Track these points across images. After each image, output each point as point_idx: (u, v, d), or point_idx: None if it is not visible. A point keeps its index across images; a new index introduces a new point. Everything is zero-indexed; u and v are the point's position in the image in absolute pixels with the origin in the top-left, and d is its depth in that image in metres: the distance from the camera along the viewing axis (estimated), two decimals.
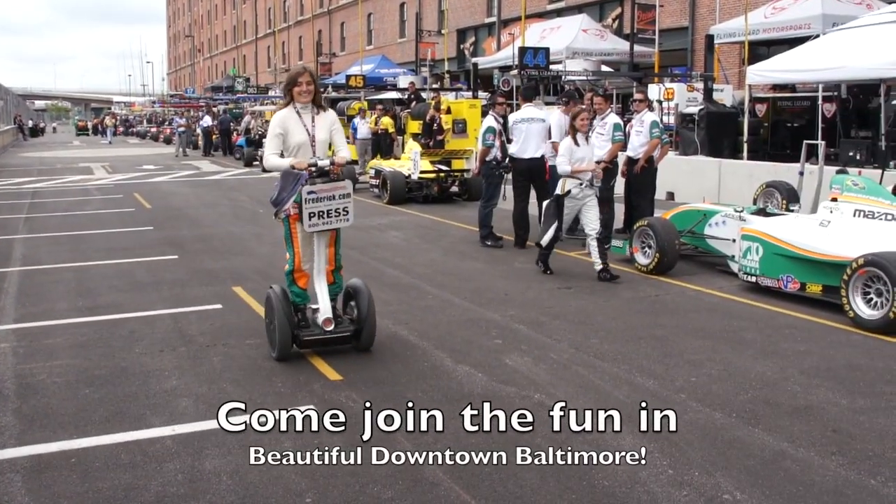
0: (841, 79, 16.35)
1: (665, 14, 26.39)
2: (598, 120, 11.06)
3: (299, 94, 6.10)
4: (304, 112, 6.15)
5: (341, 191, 5.92)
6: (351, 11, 52.28)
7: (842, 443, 4.70)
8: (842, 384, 5.72)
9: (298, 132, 6.09)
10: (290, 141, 6.08)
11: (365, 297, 6.29)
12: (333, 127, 6.26)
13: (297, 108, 6.15)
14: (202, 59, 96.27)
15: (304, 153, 6.07)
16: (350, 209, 5.98)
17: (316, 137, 6.12)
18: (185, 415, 5.14)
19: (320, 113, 6.23)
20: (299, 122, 6.11)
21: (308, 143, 6.09)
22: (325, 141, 6.19)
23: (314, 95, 6.17)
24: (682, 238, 9.55)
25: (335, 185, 5.91)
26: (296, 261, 6.24)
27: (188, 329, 7.18)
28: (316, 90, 6.19)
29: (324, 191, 5.85)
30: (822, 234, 8.08)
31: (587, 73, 22.21)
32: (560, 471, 4.30)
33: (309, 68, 6.48)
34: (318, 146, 6.13)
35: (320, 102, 6.26)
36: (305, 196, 5.79)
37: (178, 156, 34.98)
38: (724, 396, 5.43)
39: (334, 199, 5.89)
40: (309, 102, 6.14)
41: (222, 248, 11.51)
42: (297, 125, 6.10)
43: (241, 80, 53.53)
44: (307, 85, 6.10)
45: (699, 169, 15.45)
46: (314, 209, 5.83)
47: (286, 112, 6.16)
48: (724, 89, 20.89)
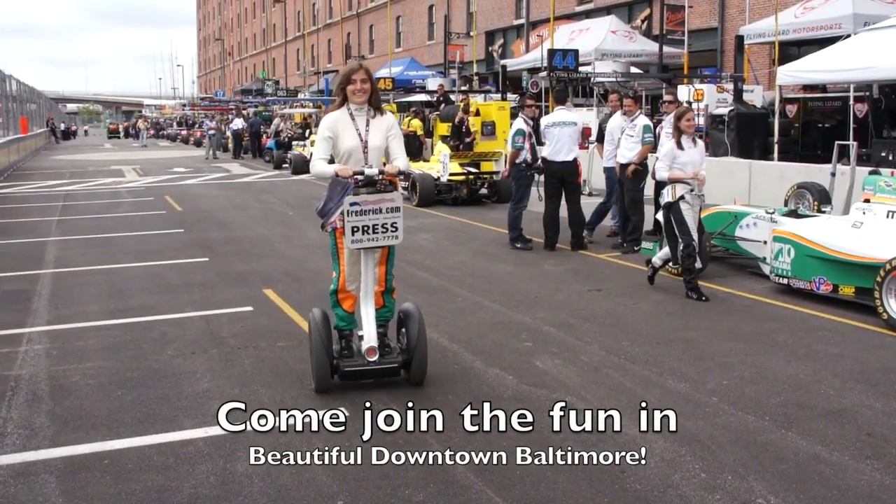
0: (872, 79, 16.18)
1: (694, 15, 26.22)
2: (627, 121, 11.03)
3: (353, 93, 5.50)
4: (359, 114, 5.54)
5: (388, 203, 5.25)
6: (380, 14, 52.48)
7: (876, 447, 4.65)
8: (876, 387, 5.65)
9: (349, 137, 5.50)
10: (340, 146, 5.50)
11: (415, 323, 5.58)
12: (391, 132, 5.60)
13: (350, 110, 5.55)
14: (232, 62, 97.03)
15: (354, 161, 5.48)
16: (399, 225, 5.29)
17: (369, 144, 5.51)
18: (217, 417, 5.16)
19: (377, 116, 5.59)
20: (351, 125, 5.52)
21: (360, 150, 5.49)
22: (380, 148, 5.55)
23: (370, 95, 5.54)
24: (713, 240, 9.49)
25: (382, 198, 5.24)
26: (341, 280, 5.65)
27: (219, 331, 7.23)
28: (373, 90, 5.55)
29: (369, 203, 5.20)
30: (854, 235, 8.00)
31: (616, 75, 22.12)
32: (592, 473, 4.28)
33: (365, 65, 5.69)
34: (371, 153, 5.50)
35: (378, 104, 5.63)
36: (348, 208, 5.16)
37: (208, 158, 35.25)
38: (756, 399, 5.39)
39: (381, 212, 5.23)
40: (364, 104, 5.53)
41: (252, 250, 11.59)
42: (348, 129, 5.51)
43: (270, 83, 53.85)
44: (362, 83, 5.47)
45: (729, 170, 15.34)
46: (358, 223, 5.21)
47: (338, 114, 5.57)
48: (753, 90, 20.73)
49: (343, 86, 5.55)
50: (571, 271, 9.83)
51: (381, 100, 5.71)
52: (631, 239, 10.90)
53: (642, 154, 10.76)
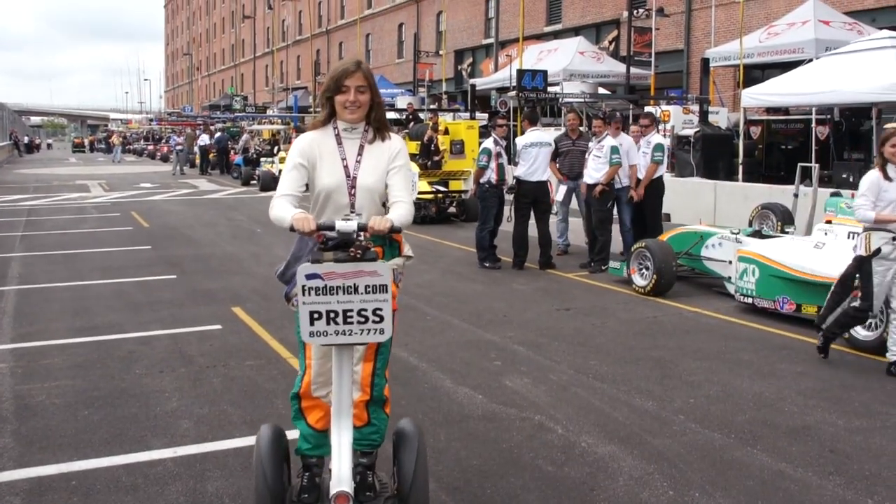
0: (833, 102, 16.50)
1: (661, 37, 26.58)
2: (594, 142, 11.18)
3: (344, 106, 3.68)
4: (350, 136, 3.74)
5: (369, 279, 3.32)
6: (349, 31, 52.61)
7: (839, 463, 4.74)
8: (838, 405, 5.76)
9: (331, 169, 3.68)
10: (318, 180, 3.70)
11: (413, 452, 3.65)
12: (393, 165, 3.73)
13: (337, 129, 3.75)
14: (200, 77, 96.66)
15: (335, 206, 3.68)
16: (386, 313, 3.35)
17: (359, 181, 3.68)
18: (186, 437, 5.15)
19: (375, 141, 3.76)
20: (336, 152, 3.71)
21: (344, 189, 3.67)
22: (375, 188, 3.70)
23: (370, 110, 3.74)
24: (679, 260, 9.61)
25: (359, 269, 3.33)
26: (305, 381, 3.77)
27: (188, 350, 7.19)
28: (373, 101, 3.73)
29: (336, 276, 3.31)
30: (817, 255, 8.15)
31: (584, 95, 22.35)
32: (561, 491, 4.32)
33: (364, 64, 3.77)
34: (361, 195, 3.68)
35: (382, 122, 3.80)
36: (304, 282, 3.30)
37: (175, 174, 35.03)
38: (722, 417, 5.47)
39: (356, 291, 3.32)
40: (360, 121, 3.74)
41: (220, 267, 11.54)
42: (331, 157, 3.70)
43: (238, 99, 53.72)
44: (358, 93, 3.65)
45: (695, 191, 15.53)
46: (319, 306, 3.32)
47: (317, 134, 3.75)
48: (719, 112, 21.06)
49: (330, 94, 3.71)
50: (540, 290, 9.90)
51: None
52: (598, 259, 11.01)
53: (609, 175, 10.90)
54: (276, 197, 3.62)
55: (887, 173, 6.60)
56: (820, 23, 19.57)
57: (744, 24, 20.99)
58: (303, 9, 61.49)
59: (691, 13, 27.88)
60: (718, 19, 24.97)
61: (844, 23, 20.23)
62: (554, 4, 34.75)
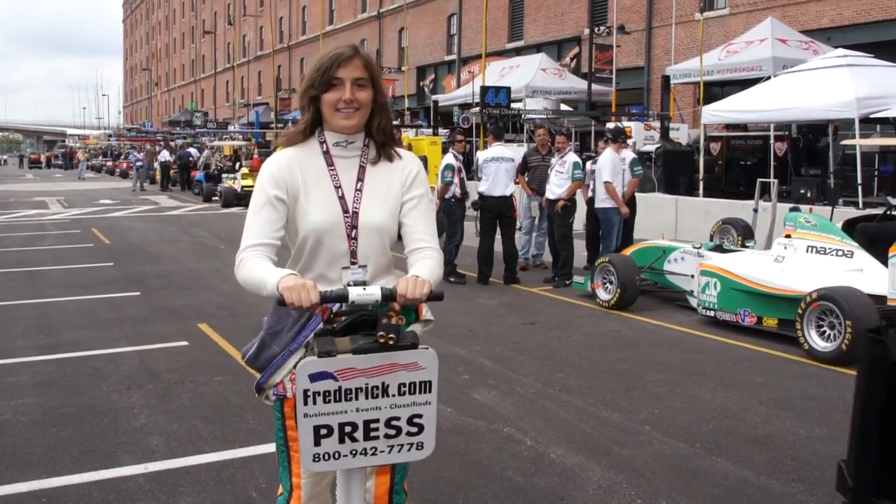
0: (790, 119, 16.90)
1: (622, 54, 26.99)
2: (556, 158, 11.33)
3: (336, 108, 2.65)
4: (344, 154, 2.72)
5: (407, 374, 2.37)
6: (311, 47, 52.60)
7: (801, 470, 4.86)
8: (799, 414, 5.90)
9: (321, 201, 2.66)
10: (303, 219, 2.66)
11: None
12: (410, 195, 2.74)
13: (326, 144, 2.71)
14: (160, 92, 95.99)
15: (329, 255, 2.68)
16: (428, 420, 2.42)
17: (361, 217, 2.67)
18: (156, 452, 5.13)
19: (380, 161, 2.75)
20: (325, 174, 2.69)
21: (340, 229, 2.65)
22: (385, 228, 2.69)
23: (372, 115, 2.71)
24: (643, 274, 9.76)
25: (391, 360, 2.35)
26: (292, 501, 2.76)
27: (155, 366, 7.16)
28: (377, 102, 2.70)
29: (357, 374, 2.33)
30: (777, 269, 8.33)
31: (547, 112, 22.59)
32: (531, 502, 4.39)
33: (363, 50, 2.73)
34: (365, 238, 2.67)
35: (388, 133, 2.77)
36: (307, 385, 2.30)
37: (135, 190, 34.73)
38: (687, 427, 5.58)
39: (385, 393, 2.36)
40: (359, 132, 2.72)
41: (184, 284, 11.48)
42: (318, 183, 2.68)
43: (199, 115, 53.48)
44: (355, 88, 2.63)
45: (656, 206, 15.77)
46: (329, 418, 2.34)
47: (297, 152, 2.72)
48: (679, 128, 21.44)
49: (315, 91, 2.65)
50: (506, 305, 9.99)
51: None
52: (562, 273, 11.13)
53: (571, 190, 11.04)
54: (243, 249, 2.57)
55: None
56: (777, 41, 20.04)
57: (704, 41, 21.39)
58: (264, 24, 61.41)
59: (652, 31, 28.35)
60: (678, 37, 25.43)
61: (801, 41, 20.73)
62: (516, 21, 35.14)
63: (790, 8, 23.79)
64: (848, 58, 16.07)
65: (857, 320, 7.03)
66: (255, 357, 2.66)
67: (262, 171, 2.73)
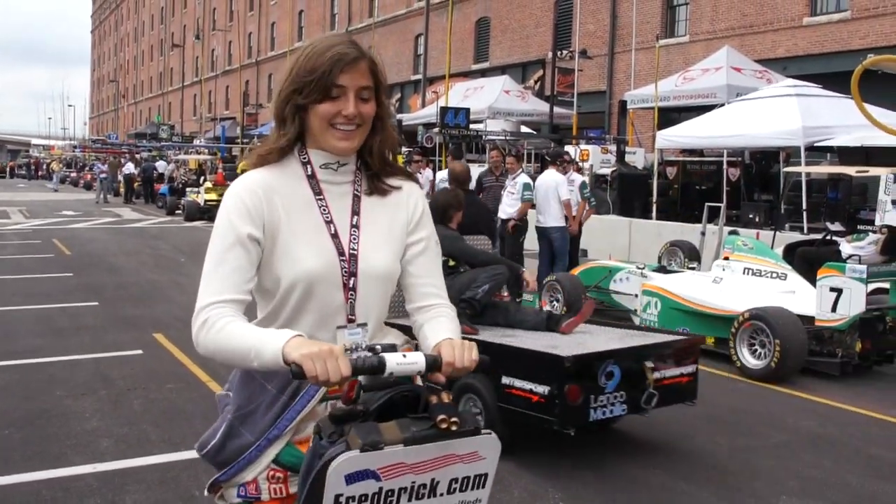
0: (741, 146, 17.40)
1: (584, 78, 27.50)
2: (509, 179, 11.65)
3: (332, 123, 2.03)
4: (333, 180, 2.12)
5: (464, 466, 1.79)
6: (279, 63, 52.75)
7: (719, 478, 5.18)
8: (724, 427, 6.24)
9: (309, 241, 2.05)
10: (286, 264, 2.02)
11: None
12: (417, 235, 2.19)
13: (310, 166, 2.10)
14: (126, 104, 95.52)
15: (319, 307, 2.05)
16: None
17: (361, 261, 2.07)
18: (106, 454, 5.33)
19: (376, 191, 2.17)
20: (311, 206, 2.08)
21: (335, 277, 2.04)
22: (389, 275, 2.13)
23: (373, 131, 2.13)
24: (589, 293, 10.08)
25: (448, 451, 1.76)
26: None
27: (109, 373, 7.34)
28: (378, 119, 2.13)
29: (405, 469, 1.72)
30: (714, 290, 8.69)
31: (506, 133, 22.98)
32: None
33: (370, 52, 2.15)
34: (367, 288, 2.08)
35: (387, 159, 2.20)
36: (340, 489, 1.68)
37: (98, 202, 34.63)
38: (618, 439, 5.87)
39: (433, 492, 1.78)
40: (353, 152, 2.11)
41: (143, 295, 11.63)
42: (303, 217, 2.06)
43: (165, 128, 53.38)
44: (359, 101, 2.05)
45: (611, 228, 16.16)
46: None
47: (271, 177, 2.08)
48: (636, 152, 21.89)
49: (309, 99, 2.03)
50: None
51: None
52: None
53: (521, 211, 11.36)
54: (205, 307, 1.95)
55: None
56: (732, 70, 20.57)
57: (665, 67, 21.90)
58: (233, 39, 61.56)
59: (614, 56, 28.93)
60: (639, 62, 25.98)
61: (755, 70, 21.30)
62: (482, 43, 35.65)
63: (748, 37, 24.44)
64: (797, 87, 16.59)
65: (785, 339, 7.41)
66: (219, 449, 2.05)
67: (230, 200, 2.03)
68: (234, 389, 2.11)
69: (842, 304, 7.59)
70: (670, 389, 5.48)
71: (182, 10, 76.82)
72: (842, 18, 22.32)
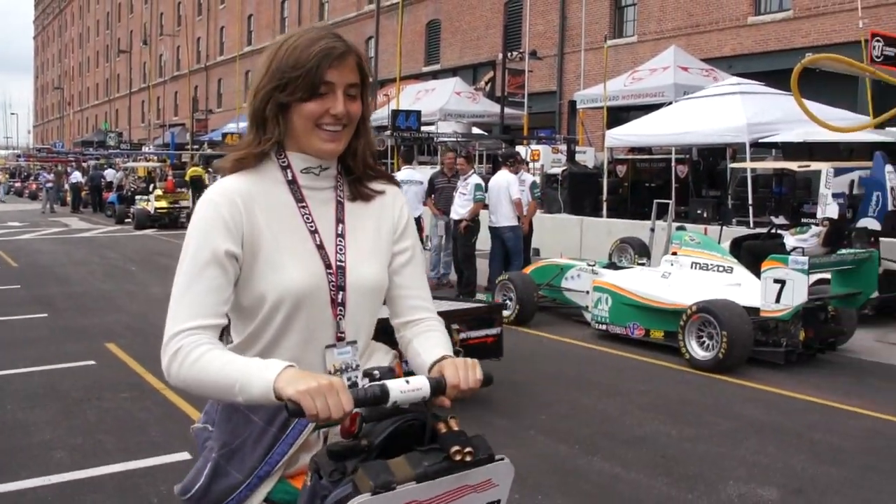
0: (688, 143, 17.69)
1: (534, 79, 27.70)
2: (461, 180, 11.76)
3: (318, 124, 1.88)
4: (315, 185, 1.96)
5: (477, 497, 1.73)
6: (228, 68, 52.39)
7: (668, 466, 5.31)
8: (673, 417, 6.38)
9: (294, 254, 1.89)
10: (266, 279, 1.86)
11: None
12: (403, 245, 2.06)
13: (290, 171, 1.94)
14: (72, 111, 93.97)
15: (306, 326, 1.90)
16: None
17: (349, 273, 1.93)
18: (60, 465, 5.30)
19: (359, 197, 2.02)
20: (294, 216, 1.92)
21: (322, 292, 1.89)
22: (379, 287, 2.01)
23: (357, 134, 1.98)
24: (541, 291, 10.22)
25: (461, 483, 1.68)
26: None
27: (61, 385, 7.27)
28: (362, 121, 1.98)
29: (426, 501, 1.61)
30: (663, 284, 8.87)
31: (457, 135, 23.10)
32: None
33: (355, 46, 1.93)
34: (356, 303, 1.94)
35: (372, 156, 2.04)
36: None
37: (45, 212, 34.07)
38: (568, 431, 5.99)
39: None
40: (338, 154, 1.96)
41: (94, 305, 11.51)
42: (286, 227, 1.91)
43: (113, 136, 52.64)
44: (348, 99, 1.89)
45: (562, 226, 16.34)
46: None
47: (250, 184, 1.90)
48: (586, 151, 22.13)
49: (294, 97, 1.86)
50: None
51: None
52: (465, 292, 11.53)
53: (473, 211, 11.47)
54: (178, 333, 1.80)
55: None
56: (679, 69, 20.89)
57: (614, 67, 22.17)
58: (181, 44, 60.90)
59: (563, 56, 29.21)
60: (589, 63, 26.25)
61: (702, 69, 21.65)
62: (432, 45, 35.75)
63: (694, 37, 24.86)
64: (741, 85, 16.95)
65: (732, 331, 7.60)
66: (205, 491, 1.89)
67: (205, 211, 1.85)
68: (217, 423, 1.93)
69: (785, 295, 7.79)
70: (476, 348, 6.53)
71: (128, 15, 75.88)
72: (784, 17, 22.82)
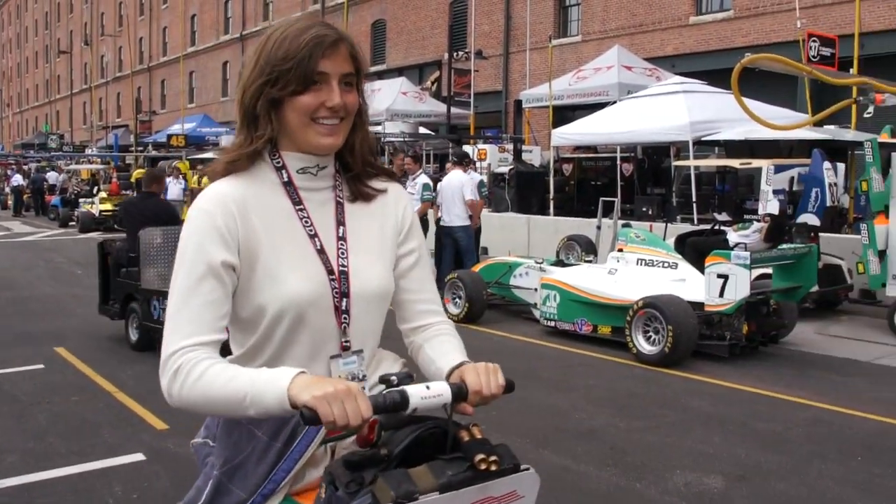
0: (633, 142, 17.99)
1: (480, 78, 27.91)
2: (409, 180, 11.85)
3: (314, 118, 1.76)
4: (313, 186, 1.85)
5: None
6: (172, 69, 51.80)
7: (617, 457, 5.47)
8: (621, 410, 6.55)
9: (294, 260, 1.78)
10: (265, 289, 1.75)
11: None
12: (408, 247, 1.97)
13: (286, 172, 1.82)
14: (11, 113, 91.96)
15: (310, 336, 1.81)
16: None
17: (353, 279, 1.83)
18: (12, 469, 5.26)
19: (360, 197, 1.91)
20: (292, 219, 1.81)
21: (326, 300, 1.80)
22: (385, 293, 1.94)
23: (354, 127, 1.86)
24: (490, 289, 10.35)
25: (485, 495, 1.62)
26: None
27: (10, 389, 7.20)
28: (359, 114, 1.87)
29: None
30: (610, 281, 9.06)
31: (404, 135, 23.17)
32: None
33: (346, 35, 1.81)
34: (361, 311, 1.88)
35: (370, 160, 1.93)
36: None
37: None
38: (519, 426, 6.10)
39: None
40: (336, 149, 1.84)
41: (41, 309, 11.36)
42: (286, 229, 1.80)
43: (54, 138, 51.72)
44: (344, 91, 1.78)
45: (510, 225, 16.51)
46: None
47: (244, 186, 1.78)
48: (533, 150, 22.36)
49: (287, 90, 1.74)
50: None
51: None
52: None
53: (421, 211, 11.57)
54: (177, 351, 1.66)
55: None
56: (623, 68, 21.20)
57: (559, 67, 22.42)
58: (123, 45, 59.94)
59: (509, 56, 29.46)
60: (534, 62, 26.52)
61: (645, 68, 22.00)
62: (378, 45, 35.76)
63: (637, 36, 25.28)
64: (684, 84, 17.30)
65: (677, 325, 7.80)
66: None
67: (198, 220, 1.74)
68: (218, 438, 1.83)
69: (728, 290, 8.02)
70: None
71: (68, 14, 74.48)
72: (725, 17, 23.33)
